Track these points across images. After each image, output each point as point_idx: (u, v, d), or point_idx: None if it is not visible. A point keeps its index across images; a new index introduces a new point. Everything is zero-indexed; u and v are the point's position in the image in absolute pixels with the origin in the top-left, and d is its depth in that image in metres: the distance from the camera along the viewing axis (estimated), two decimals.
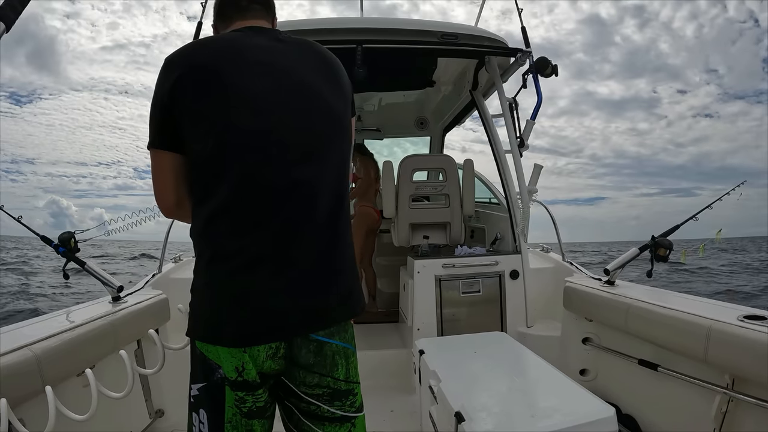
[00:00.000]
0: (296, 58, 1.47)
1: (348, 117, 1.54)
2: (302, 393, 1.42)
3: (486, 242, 4.55)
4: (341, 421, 1.46)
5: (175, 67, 1.37)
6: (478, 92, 4.38)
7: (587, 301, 3.11)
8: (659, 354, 2.54)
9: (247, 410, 1.36)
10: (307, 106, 1.42)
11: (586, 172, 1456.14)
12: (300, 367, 1.39)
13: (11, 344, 1.88)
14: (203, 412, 1.38)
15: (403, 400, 3.38)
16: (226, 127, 1.33)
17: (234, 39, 1.47)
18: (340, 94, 1.51)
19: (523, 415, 1.91)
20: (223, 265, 1.35)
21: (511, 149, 3.75)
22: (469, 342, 2.86)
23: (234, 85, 1.34)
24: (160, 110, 1.37)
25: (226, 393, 1.34)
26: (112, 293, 2.83)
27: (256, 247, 1.33)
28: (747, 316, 2.12)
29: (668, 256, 2.86)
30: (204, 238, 1.38)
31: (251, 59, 1.40)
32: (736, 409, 2.10)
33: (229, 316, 1.32)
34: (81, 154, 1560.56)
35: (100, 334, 2.36)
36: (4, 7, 1.14)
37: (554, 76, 3.65)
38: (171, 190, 1.44)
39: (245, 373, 1.32)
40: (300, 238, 1.37)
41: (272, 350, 1.34)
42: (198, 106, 1.34)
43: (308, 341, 1.39)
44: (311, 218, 1.38)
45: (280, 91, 1.39)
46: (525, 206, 3.65)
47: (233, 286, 1.33)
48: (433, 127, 6.36)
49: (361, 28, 3.51)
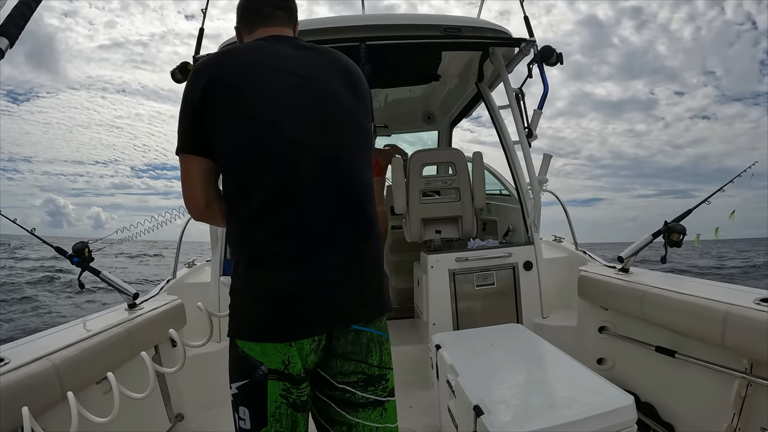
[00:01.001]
0: (318, 65, 1.53)
1: (369, 122, 1.60)
2: (337, 382, 1.48)
3: (498, 234, 4.54)
4: (374, 406, 1.52)
5: (203, 76, 1.43)
6: (483, 84, 4.36)
7: (602, 290, 3.09)
8: (676, 340, 2.52)
9: (292, 401, 1.42)
10: (331, 112, 1.48)
11: (583, 173, 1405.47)
12: (337, 356, 1.46)
13: (31, 355, 1.91)
14: (244, 409, 1.43)
15: (421, 395, 3.38)
16: (254, 137, 1.40)
17: (258, 49, 1.54)
18: (361, 100, 1.57)
19: (542, 406, 1.90)
20: (262, 267, 1.41)
21: (520, 140, 3.75)
22: (485, 335, 2.86)
23: (259, 94, 1.41)
24: (190, 118, 1.45)
25: (269, 388, 1.39)
26: (127, 300, 2.86)
27: (293, 249, 1.40)
28: (764, 299, 2.10)
29: (682, 241, 2.84)
30: (241, 244, 1.45)
31: (276, 68, 1.46)
32: (756, 393, 2.08)
33: (272, 314, 1.39)
34: (78, 153, 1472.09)
35: (117, 342, 2.39)
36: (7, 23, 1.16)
37: (559, 65, 3.63)
38: (200, 194, 1.51)
39: (291, 366, 1.39)
40: (333, 239, 1.44)
41: (315, 343, 1.42)
42: (225, 115, 1.41)
43: (347, 332, 1.46)
44: (342, 220, 1.46)
45: (303, 99, 1.45)
46: (536, 196, 3.64)
47: (273, 286, 1.40)
48: (440, 121, 6.34)
49: (364, 26, 3.51)
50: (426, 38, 3.59)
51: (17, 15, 1.19)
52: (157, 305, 2.94)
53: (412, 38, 3.57)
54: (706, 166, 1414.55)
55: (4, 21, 1.16)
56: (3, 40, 1.14)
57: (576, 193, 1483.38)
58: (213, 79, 1.42)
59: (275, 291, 1.39)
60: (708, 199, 2.90)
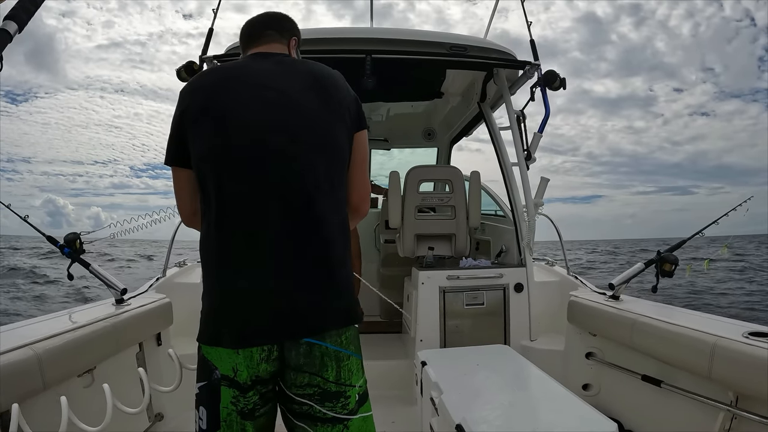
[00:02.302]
0: (290, 78, 1.59)
1: (343, 132, 1.59)
2: (293, 394, 1.49)
3: (491, 254, 4.54)
4: (333, 423, 1.50)
5: (185, 95, 1.57)
6: (486, 104, 4.39)
7: (591, 316, 3.09)
8: (663, 370, 2.52)
9: (240, 409, 1.44)
10: (293, 120, 1.52)
11: (582, 170, 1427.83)
12: (291, 368, 1.47)
13: (13, 343, 1.89)
14: (203, 409, 1.47)
15: (404, 411, 3.36)
16: (217, 146, 1.48)
17: (236, 66, 1.66)
18: (331, 108, 1.58)
19: (524, 429, 1.90)
20: (219, 272, 1.48)
21: (518, 162, 3.76)
22: (471, 354, 2.85)
23: (227, 107, 1.50)
24: (173, 133, 1.57)
25: (221, 393, 1.43)
26: (115, 295, 2.84)
27: (249, 256, 1.45)
28: (752, 332, 2.10)
29: (674, 271, 2.85)
30: (204, 248, 1.53)
31: (249, 82, 1.55)
32: (740, 426, 2.08)
33: (223, 321, 1.46)
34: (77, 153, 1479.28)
35: (102, 336, 2.37)
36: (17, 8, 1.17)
37: (562, 89, 3.65)
38: (187, 203, 1.63)
39: (238, 374, 1.42)
40: (290, 246, 1.47)
41: (265, 353, 1.43)
42: (198, 129, 1.50)
43: (298, 344, 1.46)
44: (302, 227, 1.48)
45: (268, 109, 1.51)
46: (531, 219, 3.64)
47: (228, 292, 1.46)
48: (440, 139, 6.37)
49: (371, 38, 3.53)
50: (431, 55, 3.60)
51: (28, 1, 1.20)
52: (144, 302, 2.92)
53: (418, 54, 3.59)
54: (705, 163, 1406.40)
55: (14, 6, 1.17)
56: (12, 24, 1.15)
57: (575, 190, 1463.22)
58: (190, 97, 1.55)
59: (227, 299, 1.46)
60: (702, 231, 2.91)
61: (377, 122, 5.94)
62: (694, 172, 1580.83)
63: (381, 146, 6.43)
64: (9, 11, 1.16)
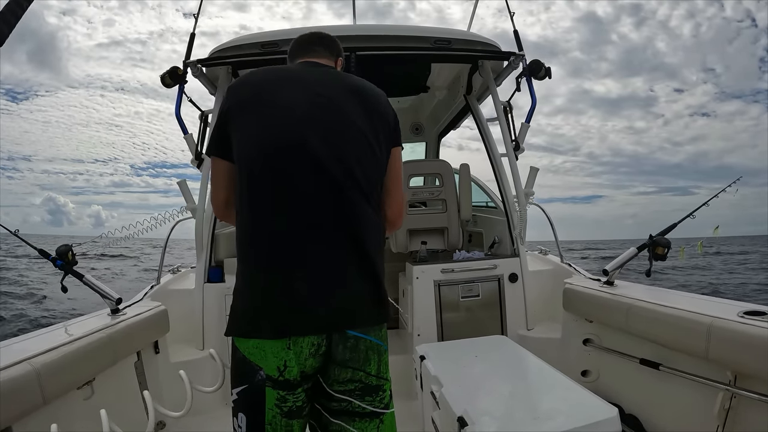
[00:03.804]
0: (338, 87, 1.65)
1: (377, 141, 1.63)
2: (334, 391, 1.50)
3: (484, 246, 4.55)
4: (371, 417, 1.54)
5: (235, 89, 1.63)
6: (472, 96, 4.39)
7: (587, 302, 3.11)
8: (661, 353, 2.54)
9: (287, 410, 1.43)
10: (339, 125, 1.57)
11: (583, 170, 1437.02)
12: (336, 363, 1.49)
13: (11, 358, 1.87)
14: (242, 415, 1.45)
15: (404, 406, 3.36)
16: (265, 140, 1.51)
17: (289, 68, 1.77)
18: (373, 122, 1.64)
19: (526, 418, 1.90)
20: (264, 267, 1.48)
21: (507, 152, 3.77)
22: (469, 346, 2.86)
23: (279, 104, 1.56)
24: (217, 125, 1.62)
25: (267, 394, 1.42)
26: (110, 305, 2.82)
27: (292, 251, 1.47)
28: (747, 312, 2.12)
29: (666, 254, 2.86)
30: (244, 242, 1.53)
31: (301, 84, 1.62)
32: (739, 405, 2.10)
33: (270, 311, 1.44)
34: (77, 151, 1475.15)
35: (99, 347, 2.35)
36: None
37: (548, 79, 3.66)
38: (221, 193, 1.68)
39: (287, 372, 1.41)
40: (338, 243, 1.50)
41: (314, 347, 1.45)
42: (246, 121, 1.55)
43: (346, 338, 1.49)
44: (347, 226, 1.52)
45: (317, 111, 1.56)
46: (522, 209, 3.65)
47: (274, 285, 1.45)
48: (428, 133, 6.37)
49: (354, 35, 3.52)
50: (416, 50, 3.60)
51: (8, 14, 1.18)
52: (140, 311, 2.90)
53: (402, 49, 3.59)
54: (706, 164, 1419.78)
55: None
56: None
57: (575, 191, 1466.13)
58: (240, 92, 1.61)
59: (276, 290, 1.44)
60: (693, 213, 2.92)
61: None
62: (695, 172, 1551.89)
63: None
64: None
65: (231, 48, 3.47)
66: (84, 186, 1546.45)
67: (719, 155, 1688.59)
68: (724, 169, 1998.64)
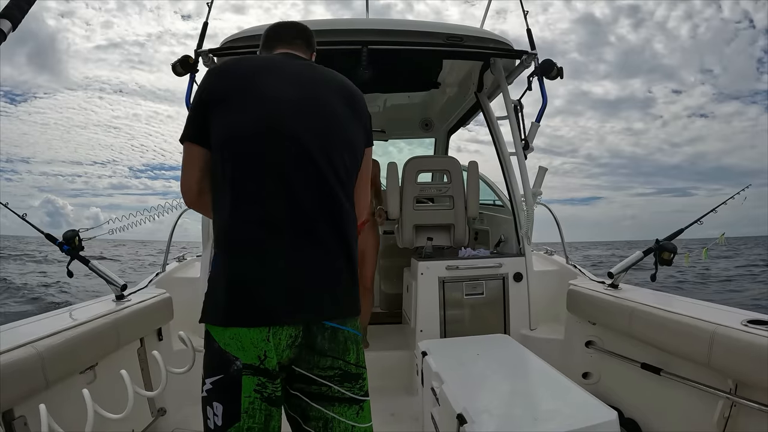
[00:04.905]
0: (321, 81, 1.65)
1: (360, 143, 1.68)
2: (315, 375, 1.50)
3: (490, 244, 4.54)
4: (350, 403, 1.54)
5: (214, 75, 1.60)
6: (483, 94, 4.38)
7: (591, 304, 3.10)
8: (662, 358, 2.53)
9: (267, 395, 1.43)
10: (323, 117, 1.58)
11: (581, 171, 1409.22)
12: (315, 352, 1.49)
13: (14, 341, 1.89)
14: (217, 404, 1.43)
15: (405, 402, 3.38)
16: (248, 129, 1.49)
17: (270, 57, 1.73)
18: (355, 120, 1.66)
19: (526, 417, 1.90)
20: (243, 254, 1.45)
21: (516, 151, 3.76)
22: (472, 344, 2.86)
23: (264, 93, 1.54)
24: (195, 110, 1.57)
25: (243, 383, 1.41)
26: (115, 291, 2.85)
27: (272, 239, 1.45)
28: (751, 320, 2.11)
29: (672, 259, 2.85)
30: (222, 230, 1.50)
31: (284, 74, 1.60)
32: (739, 414, 2.09)
33: (247, 300, 1.42)
34: (76, 153, 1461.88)
35: (103, 332, 2.37)
36: (11, 5, 1.15)
37: (559, 78, 3.64)
38: (195, 181, 1.60)
39: (267, 361, 1.41)
40: (313, 234, 1.49)
41: (292, 338, 1.44)
42: (228, 109, 1.52)
43: (323, 328, 1.49)
44: (326, 217, 1.51)
45: (301, 101, 1.56)
46: (529, 208, 3.65)
47: (251, 274, 1.43)
48: (437, 129, 6.36)
49: (367, 29, 3.51)
50: (428, 45, 3.59)
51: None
52: (144, 298, 2.93)
53: (415, 45, 3.57)
54: (705, 165, 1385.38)
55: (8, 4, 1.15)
56: (5, 22, 1.14)
57: (574, 192, 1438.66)
58: (221, 78, 1.58)
59: (255, 279, 1.43)
60: (700, 219, 2.91)
61: (374, 113, 5.90)
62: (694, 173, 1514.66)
63: (378, 137, 6.41)
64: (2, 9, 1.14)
65: (243, 38, 3.47)
66: (82, 188, 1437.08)
67: (718, 156, 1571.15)
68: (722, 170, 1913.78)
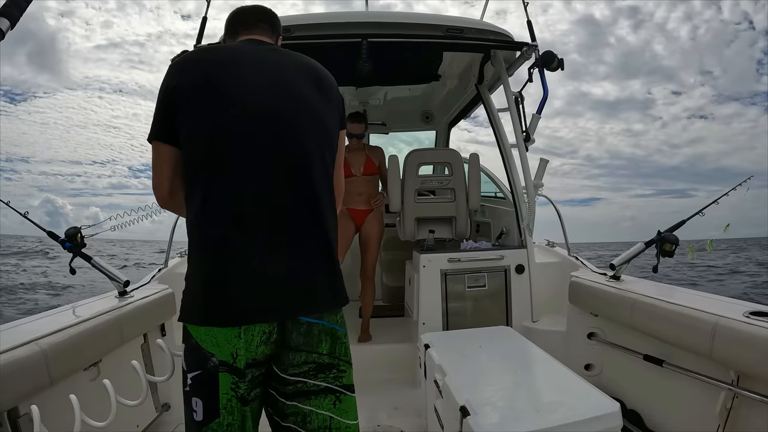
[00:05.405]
0: (289, 66, 1.62)
1: (335, 127, 1.67)
2: (289, 375, 1.49)
3: (491, 237, 4.54)
4: (325, 393, 1.52)
5: (178, 71, 1.53)
6: (483, 86, 4.37)
7: (593, 296, 3.10)
8: (664, 349, 2.53)
9: (241, 395, 1.42)
10: (295, 105, 1.55)
11: (581, 173, 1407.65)
12: (290, 348, 1.48)
13: (18, 339, 1.89)
14: (197, 400, 1.43)
15: (408, 394, 3.39)
16: (219, 123, 1.47)
17: (234, 47, 1.67)
18: (326, 102, 1.64)
19: (528, 409, 1.91)
20: (215, 251, 1.44)
21: (517, 143, 3.75)
22: (474, 336, 2.86)
23: (231, 85, 1.50)
24: (161, 107, 1.52)
25: (220, 380, 1.40)
26: (118, 288, 2.85)
27: (244, 235, 1.43)
28: (753, 312, 2.11)
29: (674, 251, 2.85)
30: (195, 227, 1.48)
31: (251, 63, 1.56)
32: (741, 405, 2.09)
33: (224, 299, 1.40)
34: (75, 153, 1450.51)
35: (106, 329, 2.38)
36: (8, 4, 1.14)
37: (560, 70, 3.63)
38: (166, 180, 1.57)
39: (238, 360, 1.39)
40: (291, 226, 1.48)
41: (266, 335, 1.43)
42: (196, 105, 1.48)
43: (299, 324, 1.48)
44: (303, 209, 1.50)
45: (272, 91, 1.53)
46: (531, 200, 3.64)
47: (228, 272, 1.41)
48: (438, 121, 6.35)
49: (367, 22, 3.49)
50: (428, 38, 3.57)
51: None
52: (147, 294, 2.93)
53: (414, 37, 3.56)
54: (704, 166, 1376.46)
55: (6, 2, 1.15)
56: (4, 21, 1.13)
57: (574, 193, 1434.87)
58: (185, 73, 1.52)
59: (227, 278, 1.41)
60: (702, 210, 2.90)
61: (375, 106, 5.91)
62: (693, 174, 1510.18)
63: (379, 130, 6.41)
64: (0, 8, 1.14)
65: None
66: (82, 188, 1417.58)
67: (717, 158, 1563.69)
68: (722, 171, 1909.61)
